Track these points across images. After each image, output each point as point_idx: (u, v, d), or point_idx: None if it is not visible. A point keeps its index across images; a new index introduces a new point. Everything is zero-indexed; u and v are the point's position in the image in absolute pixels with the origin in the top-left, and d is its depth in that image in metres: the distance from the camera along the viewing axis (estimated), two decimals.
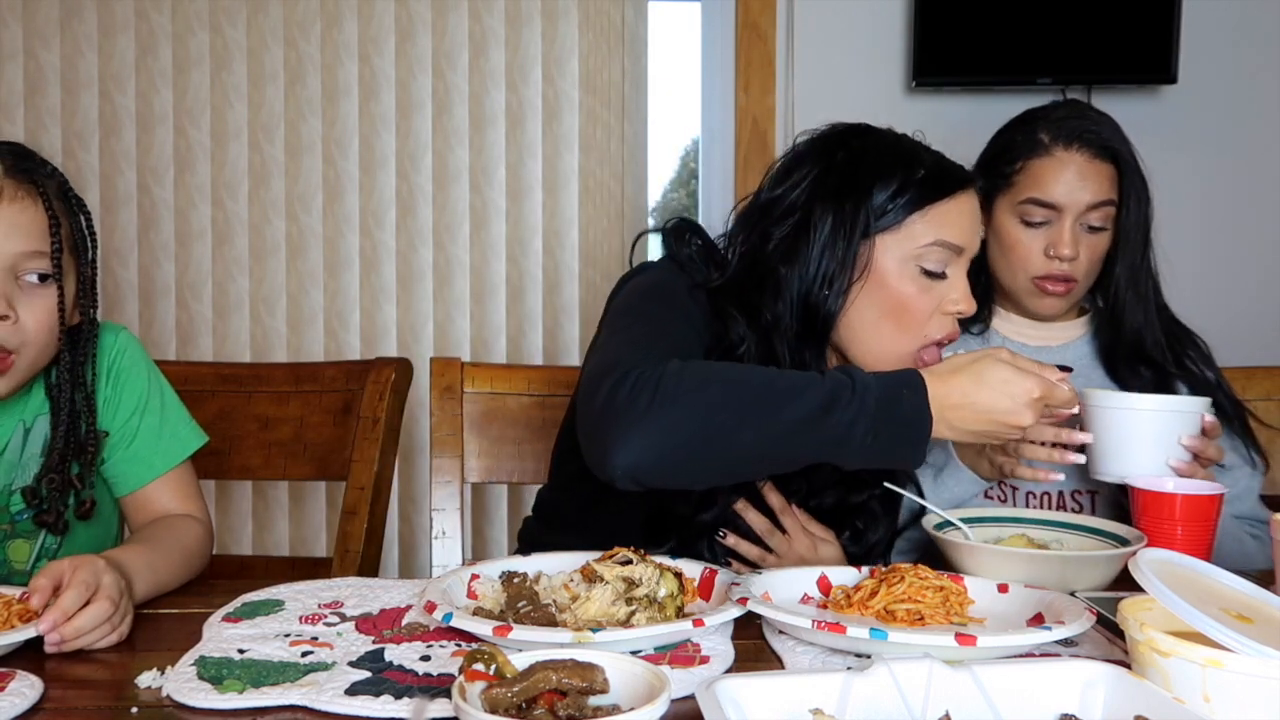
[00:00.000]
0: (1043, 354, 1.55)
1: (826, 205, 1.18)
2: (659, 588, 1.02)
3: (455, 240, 2.47)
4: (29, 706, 0.82)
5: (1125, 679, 0.77)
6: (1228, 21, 2.56)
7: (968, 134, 2.53)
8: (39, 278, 1.13)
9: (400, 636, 0.98)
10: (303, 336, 2.48)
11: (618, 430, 1.02)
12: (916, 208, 1.17)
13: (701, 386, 1.03)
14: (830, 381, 1.05)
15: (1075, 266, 1.46)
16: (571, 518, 1.39)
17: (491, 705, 0.71)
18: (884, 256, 1.18)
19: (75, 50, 2.42)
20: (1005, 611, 1.02)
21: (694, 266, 1.27)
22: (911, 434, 1.05)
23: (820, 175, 1.20)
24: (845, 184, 1.18)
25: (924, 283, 1.19)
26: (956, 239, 1.19)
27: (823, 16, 2.54)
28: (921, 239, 1.18)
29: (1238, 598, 0.87)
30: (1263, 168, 2.60)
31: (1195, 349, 1.54)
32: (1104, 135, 1.46)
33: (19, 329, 1.11)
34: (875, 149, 1.21)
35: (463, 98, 2.46)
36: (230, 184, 2.46)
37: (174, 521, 1.25)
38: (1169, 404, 1.29)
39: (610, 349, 1.14)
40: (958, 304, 1.20)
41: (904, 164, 1.19)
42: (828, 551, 1.28)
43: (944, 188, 1.19)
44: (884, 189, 1.17)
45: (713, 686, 0.73)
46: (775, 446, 1.04)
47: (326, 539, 2.47)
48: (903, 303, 1.18)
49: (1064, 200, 1.44)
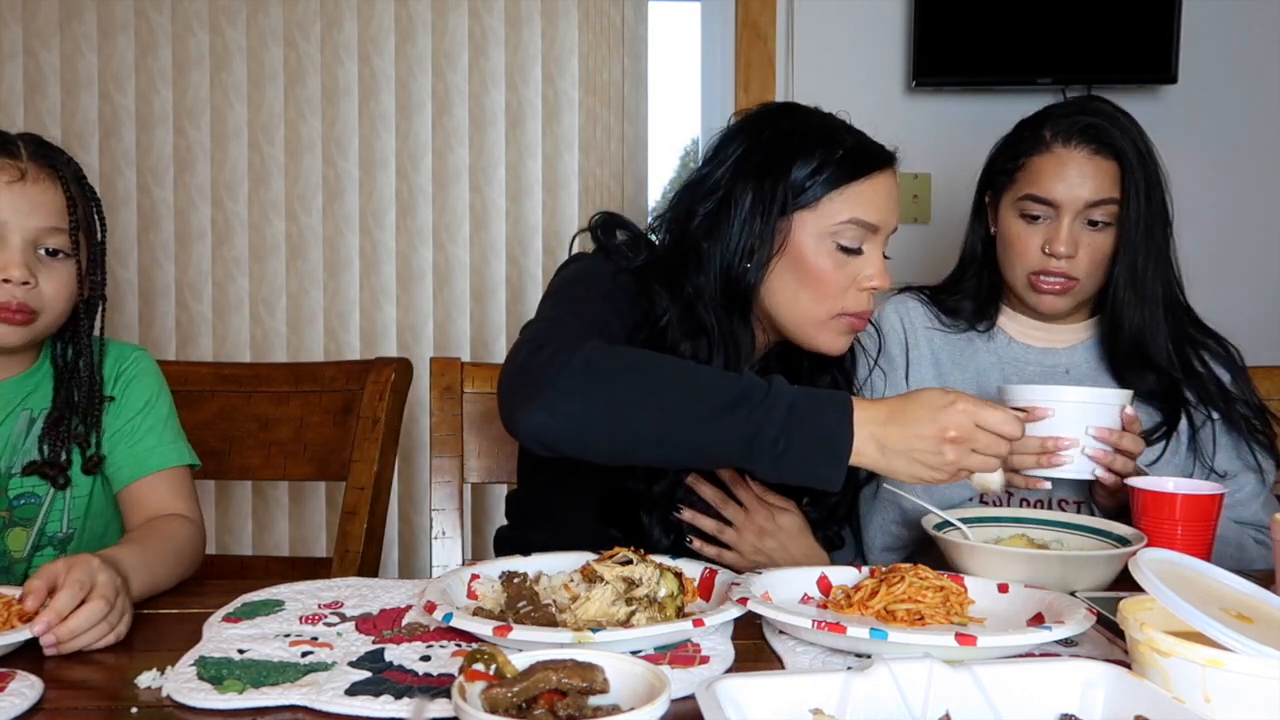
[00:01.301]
0: (1048, 355, 1.54)
1: (748, 182, 1.21)
2: (659, 588, 1.02)
3: (455, 240, 2.47)
4: (29, 707, 0.82)
5: (1125, 679, 0.77)
6: (1228, 21, 2.55)
7: (968, 134, 2.54)
8: (58, 252, 1.24)
9: (400, 636, 0.98)
10: (303, 336, 2.47)
11: (529, 391, 1.06)
12: (834, 186, 1.21)
13: (615, 363, 1.06)
14: (745, 382, 1.05)
15: (1074, 265, 1.45)
16: (538, 512, 1.42)
17: (491, 705, 0.71)
18: (801, 232, 1.21)
19: (75, 50, 2.42)
20: (1005, 611, 1.02)
21: (620, 254, 1.31)
22: (829, 449, 1.02)
23: (745, 153, 1.24)
24: (767, 162, 1.21)
25: (840, 258, 1.22)
26: (872, 217, 1.22)
27: (823, 16, 2.54)
28: (838, 216, 1.21)
29: (1238, 598, 0.87)
30: (1263, 168, 2.60)
31: (1213, 352, 1.50)
32: (1106, 131, 1.44)
33: (39, 294, 1.22)
34: (799, 129, 1.24)
35: (463, 98, 2.46)
36: (230, 184, 2.46)
37: (167, 521, 1.26)
38: (1084, 396, 1.29)
39: (534, 326, 1.20)
40: (872, 279, 1.23)
41: (824, 143, 1.21)
42: (787, 520, 1.29)
43: (861, 168, 1.22)
44: (803, 167, 1.20)
45: (713, 686, 0.73)
46: (677, 432, 1.04)
47: (326, 539, 2.47)
48: (818, 276, 1.21)
49: (1061, 197, 1.43)
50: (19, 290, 1.20)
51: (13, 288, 1.19)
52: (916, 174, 2.51)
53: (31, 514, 1.27)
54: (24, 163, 1.22)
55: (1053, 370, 1.54)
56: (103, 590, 0.96)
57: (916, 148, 2.58)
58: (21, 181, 1.20)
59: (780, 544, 1.28)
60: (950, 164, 2.56)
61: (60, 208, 1.24)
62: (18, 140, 1.24)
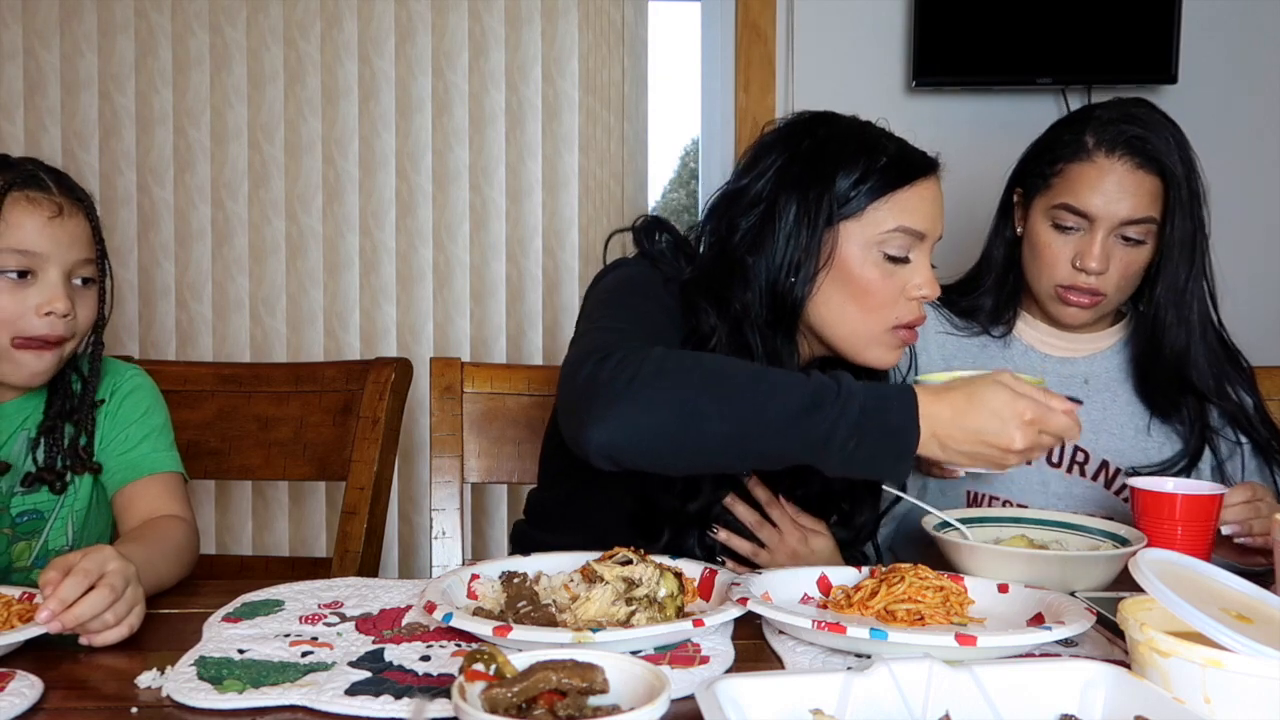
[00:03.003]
0: (1067, 365, 1.50)
1: (791, 194, 1.20)
2: (659, 588, 1.02)
3: (455, 240, 2.47)
4: (29, 706, 0.82)
5: (1125, 679, 0.77)
6: (1228, 21, 2.55)
7: (968, 134, 2.55)
8: (89, 281, 1.28)
9: (400, 636, 0.98)
10: (303, 336, 2.47)
11: (598, 407, 1.03)
12: (879, 195, 1.19)
13: (684, 372, 1.04)
14: (815, 383, 1.04)
15: (1104, 281, 1.39)
16: (560, 516, 1.40)
17: (491, 705, 0.71)
18: (848, 243, 1.20)
19: (75, 50, 2.42)
20: (1005, 611, 1.02)
21: (665, 261, 1.29)
22: (896, 445, 1.03)
23: (785, 164, 1.22)
24: (809, 172, 1.20)
25: (887, 268, 1.20)
26: (918, 225, 1.21)
27: (823, 16, 2.54)
28: (884, 225, 1.19)
29: (1238, 598, 0.87)
30: (1263, 168, 2.60)
31: (1240, 372, 1.46)
32: (1153, 144, 1.36)
33: (73, 323, 1.26)
34: (839, 137, 1.23)
35: (462, 98, 2.45)
36: (230, 184, 2.45)
37: (162, 521, 1.27)
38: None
39: (591, 336, 1.15)
40: (921, 289, 1.21)
41: (867, 151, 1.20)
42: (819, 543, 1.28)
43: (906, 174, 1.21)
44: (847, 177, 1.19)
45: (713, 686, 0.73)
46: (752, 439, 1.03)
47: (326, 539, 2.47)
48: (866, 288, 1.20)
49: (1098, 211, 1.36)
50: (59, 323, 1.23)
51: (54, 320, 1.22)
52: None
53: (36, 527, 1.29)
54: (58, 198, 1.24)
55: (1070, 380, 1.49)
56: (111, 579, 0.95)
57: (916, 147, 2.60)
58: (60, 217, 1.23)
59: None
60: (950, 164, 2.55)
61: (89, 238, 1.27)
62: (40, 174, 1.26)
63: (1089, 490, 1.45)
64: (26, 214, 1.21)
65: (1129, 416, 1.46)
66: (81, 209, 1.27)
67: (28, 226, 1.21)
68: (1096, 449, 1.45)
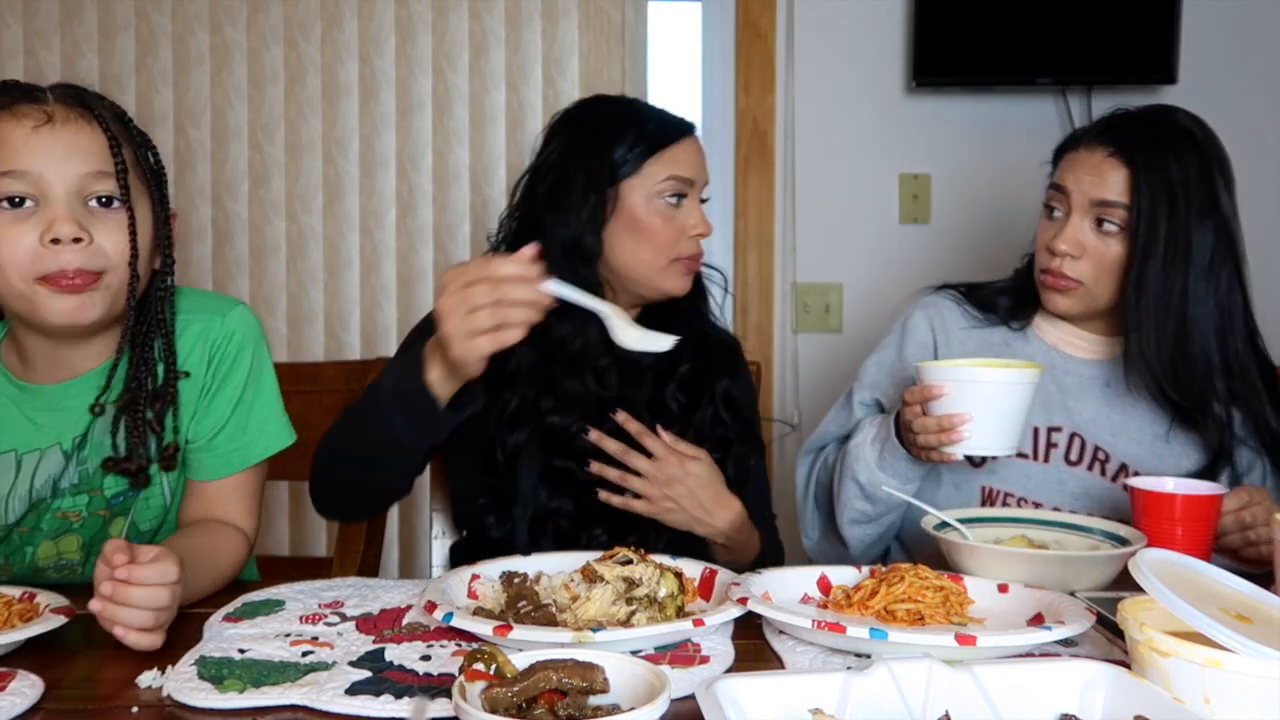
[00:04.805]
0: (1088, 366, 1.48)
1: (579, 163, 1.40)
2: (659, 587, 1.02)
3: (455, 240, 2.47)
4: (29, 706, 0.82)
5: (1125, 679, 0.77)
6: (1228, 21, 2.55)
7: (968, 134, 2.55)
8: (110, 200, 1.09)
9: (400, 636, 0.99)
10: (303, 336, 2.47)
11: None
12: (650, 154, 1.40)
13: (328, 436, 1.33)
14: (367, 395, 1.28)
15: (1076, 267, 1.41)
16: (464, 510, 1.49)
17: (491, 705, 0.71)
18: (631, 195, 1.40)
19: (75, 50, 2.42)
20: (1005, 611, 1.02)
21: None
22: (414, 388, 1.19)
23: (570, 140, 1.43)
24: (591, 143, 1.41)
25: (667, 213, 1.41)
26: (686, 173, 1.42)
27: (823, 16, 2.54)
28: (658, 176, 1.40)
29: (1238, 598, 0.87)
30: (1263, 168, 2.60)
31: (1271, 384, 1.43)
32: (1128, 135, 1.40)
33: (99, 251, 1.08)
34: (613, 114, 1.45)
35: (463, 98, 2.45)
36: (230, 184, 2.45)
37: (217, 534, 1.19)
38: (974, 375, 1.27)
39: None
40: (696, 228, 1.42)
41: (634, 122, 1.42)
42: (696, 468, 1.36)
43: (670, 135, 1.42)
44: (621, 144, 1.40)
45: (713, 686, 0.73)
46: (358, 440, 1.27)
47: (326, 539, 2.47)
48: (652, 231, 1.40)
49: (1071, 187, 1.42)
50: (71, 252, 1.05)
51: (63, 249, 1.05)
52: (916, 174, 2.51)
53: (129, 505, 1.20)
54: (50, 106, 1.07)
55: (1092, 381, 1.48)
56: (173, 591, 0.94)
57: (916, 148, 2.60)
58: (50, 124, 1.06)
59: (689, 490, 1.35)
60: (950, 164, 2.56)
61: (102, 149, 1.08)
62: (45, 88, 1.11)
63: (1107, 490, 1.45)
64: (10, 129, 1.05)
65: (1148, 423, 1.45)
66: (89, 116, 1.09)
67: (12, 142, 1.05)
68: (1117, 451, 1.46)
